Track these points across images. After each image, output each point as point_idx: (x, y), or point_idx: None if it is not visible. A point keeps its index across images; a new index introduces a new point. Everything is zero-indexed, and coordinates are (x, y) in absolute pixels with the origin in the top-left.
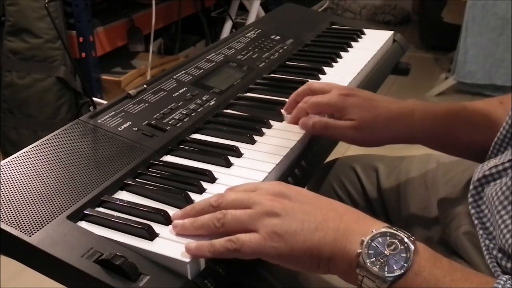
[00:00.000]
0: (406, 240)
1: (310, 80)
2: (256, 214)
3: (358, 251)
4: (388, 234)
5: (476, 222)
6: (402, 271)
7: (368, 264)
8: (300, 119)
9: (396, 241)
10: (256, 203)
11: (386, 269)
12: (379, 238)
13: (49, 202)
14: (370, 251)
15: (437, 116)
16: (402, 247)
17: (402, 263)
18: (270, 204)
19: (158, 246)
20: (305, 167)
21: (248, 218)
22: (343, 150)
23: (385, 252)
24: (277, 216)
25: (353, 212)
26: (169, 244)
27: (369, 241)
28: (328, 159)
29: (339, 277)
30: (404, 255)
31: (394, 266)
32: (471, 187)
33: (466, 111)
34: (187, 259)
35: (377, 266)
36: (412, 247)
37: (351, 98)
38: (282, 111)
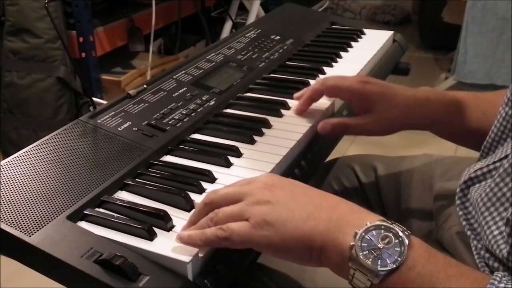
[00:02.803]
0: (400, 233)
1: (310, 81)
2: (246, 204)
3: (351, 243)
4: (383, 227)
5: (464, 223)
6: (396, 265)
7: (361, 257)
8: (310, 102)
9: (390, 234)
10: (247, 194)
11: (379, 263)
12: (373, 231)
13: (49, 202)
14: (363, 244)
15: (449, 103)
16: (397, 241)
17: (395, 257)
18: (261, 193)
19: (158, 246)
20: (305, 167)
21: (238, 210)
22: (343, 149)
23: (379, 245)
24: (268, 204)
25: (347, 204)
26: (169, 244)
27: (363, 234)
28: (328, 159)
29: (331, 270)
30: (398, 249)
31: (387, 260)
32: (457, 189)
33: (477, 99)
34: (187, 259)
35: (370, 260)
36: (406, 241)
37: (371, 86)
38: (283, 112)
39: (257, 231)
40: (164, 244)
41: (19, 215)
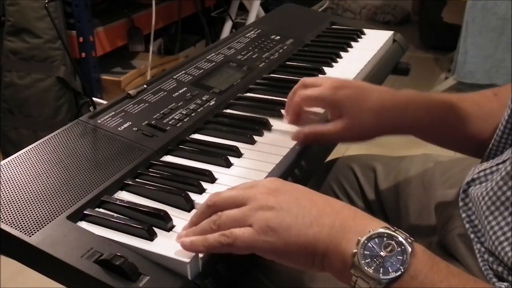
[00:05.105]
0: (403, 242)
1: None
2: (250, 210)
3: (354, 251)
4: (385, 235)
5: (467, 226)
6: (398, 274)
7: (363, 265)
8: (297, 114)
9: (393, 242)
10: (250, 198)
11: (381, 271)
12: (376, 239)
13: (49, 202)
14: (366, 252)
15: (431, 107)
16: (399, 249)
17: (398, 265)
18: (264, 198)
19: (158, 246)
20: (305, 167)
21: (242, 215)
22: (343, 150)
23: (381, 253)
24: (271, 210)
25: (349, 209)
26: (169, 244)
27: (365, 242)
28: (328, 159)
29: (333, 276)
30: (400, 257)
31: (389, 268)
32: (460, 190)
33: (461, 102)
34: (187, 259)
35: (372, 268)
36: (409, 249)
37: (343, 90)
38: (283, 112)
39: (260, 237)
40: (164, 244)
41: (19, 215)
